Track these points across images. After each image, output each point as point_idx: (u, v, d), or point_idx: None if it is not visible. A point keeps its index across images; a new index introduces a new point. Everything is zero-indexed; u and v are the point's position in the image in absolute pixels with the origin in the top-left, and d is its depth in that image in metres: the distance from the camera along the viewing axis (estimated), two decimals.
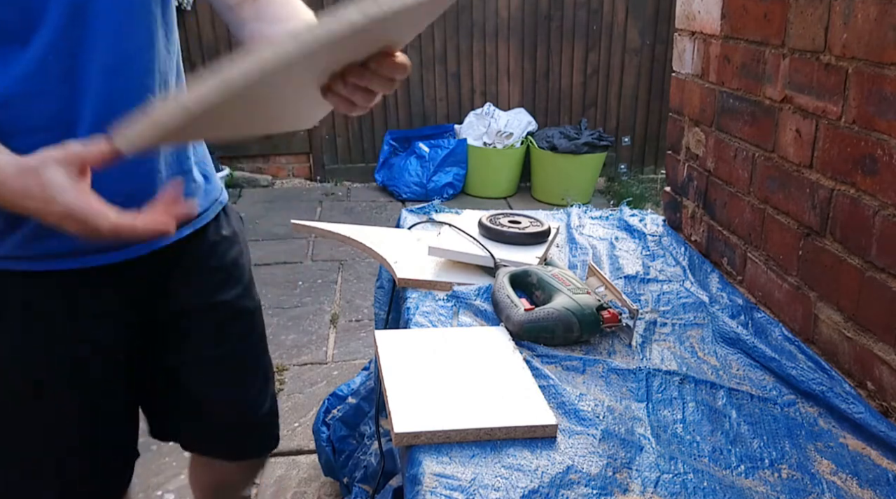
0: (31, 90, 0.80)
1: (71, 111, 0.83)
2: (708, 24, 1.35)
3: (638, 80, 4.66)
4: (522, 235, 1.28)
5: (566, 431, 0.83)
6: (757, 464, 0.80)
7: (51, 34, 0.79)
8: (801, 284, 1.08)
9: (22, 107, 0.80)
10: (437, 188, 4.20)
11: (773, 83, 1.13)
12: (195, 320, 1.07)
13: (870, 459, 0.82)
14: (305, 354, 2.50)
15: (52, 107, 0.81)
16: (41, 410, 0.95)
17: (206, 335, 1.09)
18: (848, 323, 0.97)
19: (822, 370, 0.98)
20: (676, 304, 1.17)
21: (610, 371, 0.96)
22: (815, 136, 1.02)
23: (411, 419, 0.81)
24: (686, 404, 0.91)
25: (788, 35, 1.08)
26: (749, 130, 1.21)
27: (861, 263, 0.94)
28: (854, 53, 0.93)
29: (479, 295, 1.14)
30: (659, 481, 0.76)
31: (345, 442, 1.74)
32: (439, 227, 1.38)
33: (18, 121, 0.80)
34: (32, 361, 0.93)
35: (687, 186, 1.48)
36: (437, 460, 0.77)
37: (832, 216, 0.99)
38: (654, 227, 1.53)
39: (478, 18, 4.43)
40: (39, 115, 0.81)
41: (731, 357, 1.02)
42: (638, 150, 4.82)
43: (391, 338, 0.99)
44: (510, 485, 0.74)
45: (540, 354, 0.99)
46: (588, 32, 4.53)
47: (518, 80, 4.59)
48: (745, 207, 1.24)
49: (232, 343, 1.12)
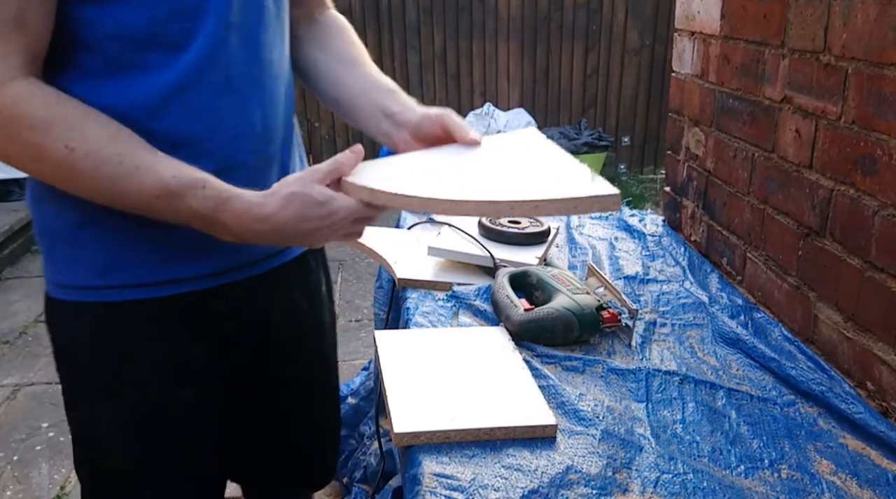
0: (186, 100, 0.78)
1: (222, 125, 0.81)
2: (707, 25, 1.35)
3: (637, 81, 4.66)
4: (522, 235, 1.28)
5: (566, 431, 0.83)
6: (756, 464, 0.80)
7: (205, 45, 0.77)
8: (801, 284, 1.08)
9: (176, 118, 0.78)
10: None
11: (772, 83, 1.13)
12: (303, 365, 1.05)
13: (869, 459, 0.82)
14: None
15: (204, 120, 0.80)
16: (178, 449, 0.91)
17: (309, 373, 1.07)
18: (847, 323, 0.97)
19: (821, 370, 0.98)
20: (676, 304, 1.17)
21: (609, 371, 0.96)
22: (814, 136, 1.02)
23: (411, 419, 0.80)
24: (686, 405, 0.91)
25: (788, 35, 1.08)
26: (748, 130, 1.21)
27: (861, 264, 0.94)
28: (853, 54, 0.93)
29: (479, 295, 1.14)
30: (658, 481, 0.76)
31: (344, 442, 1.74)
32: (439, 227, 1.38)
33: (171, 132, 0.78)
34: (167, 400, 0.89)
35: (686, 187, 1.48)
36: (437, 460, 0.77)
37: (832, 216, 0.99)
38: (654, 227, 1.53)
39: (477, 18, 4.44)
40: (193, 128, 0.80)
41: (731, 357, 1.02)
42: (637, 150, 4.82)
43: (391, 338, 0.99)
44: (510, 485, 0.74)
45: (539, 355, 0.99)
46: (588, 33, 4.53)
47: (518, 81, 4.59)
48: (744, 207, 1.24)
49: (329, 374, 1.11)
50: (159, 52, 0.76)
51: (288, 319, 1.01)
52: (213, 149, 0.80)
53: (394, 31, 4.40)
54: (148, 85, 0.76)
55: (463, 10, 4.39)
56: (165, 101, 0.77)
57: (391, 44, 4.41)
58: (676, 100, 1.51)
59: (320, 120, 4.46)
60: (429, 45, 4.44)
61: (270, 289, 0.96)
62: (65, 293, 0.85)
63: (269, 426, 1.05)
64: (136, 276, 0.84)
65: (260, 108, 0.85)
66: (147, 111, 0.76)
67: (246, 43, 0.82)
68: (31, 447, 2.01)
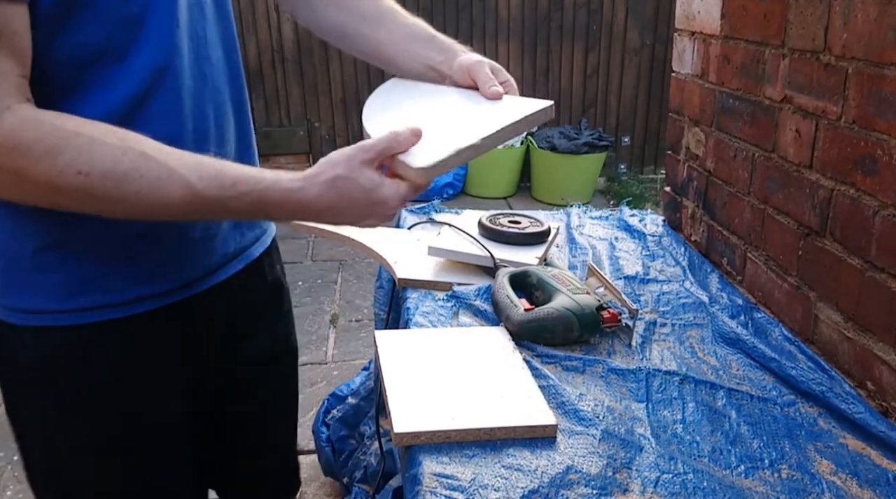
0: (147, 109, 0.75)
1: (184, 130, 0.79)
2: (708, 25, 1.35)
3: (638, 81, 4.66)
4: (522, 235, 1.28)
5: (566, 431, 0.83)
6: (757, 464, 0.80)
7: (156, 51, 0.74)
8: (801, 284, 1.08)
9: (141, 128, 0.73)
10: (437, 188, 4.19)
11: (772, 83, 1.13)
12: (269, 368, 1.04)
13: (870, 459, 0.82)
14: (305, 354, 2.50)
15: (167, 127, 0.77)
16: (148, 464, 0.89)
17: (273, 381, 1.06)
18: (848, 323, 0.97)
19: (821, 370, 0.98)
20: (676, 304, 1.17)
21: (610, 371, 0.96)
22: (814, 136, 1.02)
23: (411, 419, 0.80)
24: (686, 405, 0.91)
25: (788, 35, 1.08)
26: (749, 130, 1.21)
27: (861, 264, 0.94)
28: (854, 54, 0.93)
29: (479, 295, 1.14)
30: (659, 481, 0.76)
31: (345, 442, 1.74)
32: (439, 227, 1.38)
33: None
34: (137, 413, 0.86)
35: (687, 187, 1.48)
36: (437, 460, 0.77)
37: (832, 216, 0.99)
38: (654, 227, 1.53)
39: (477, 18, 4.43)
40: (158, 135, 0.75)
41: (731, 357, 1.02)
42: (637, 150, 4.82)
43: (391, 338, 0.99)
44: (510, 485, 0.74)
45: (540, 355, 0.99)
46: (588, 33, 4.53)
47: (518, 81, 4.56)
48: (744, 207, 1.24)
49: (291, 385, 1.10)
50: (112, 65, 0.72)
51: (253, 316, 1.00)
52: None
53: None
54: (107, 100, 0.72)
55: (463, 10, 4.38)
56: (127, 113, 0.73)
57: None
58: (676, 100, 1.51)
59: (320, 120, 4.46)
60: None
61: (236, 292, 0.94)
62: (19, 318, 0.80)
63: (234, 433, 1.04)
64: (102, 298, 0.80)
65: (213, 108, 0.83)
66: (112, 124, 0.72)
67: (194, 42, 0.80)
68: None
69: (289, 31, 4.29)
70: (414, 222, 1.48)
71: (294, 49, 4.33)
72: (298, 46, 4.33)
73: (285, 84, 4.39)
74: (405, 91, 0.98)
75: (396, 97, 0.96)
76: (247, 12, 4.17)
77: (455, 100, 0.94)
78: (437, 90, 0.96)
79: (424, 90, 0.97)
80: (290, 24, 4.27)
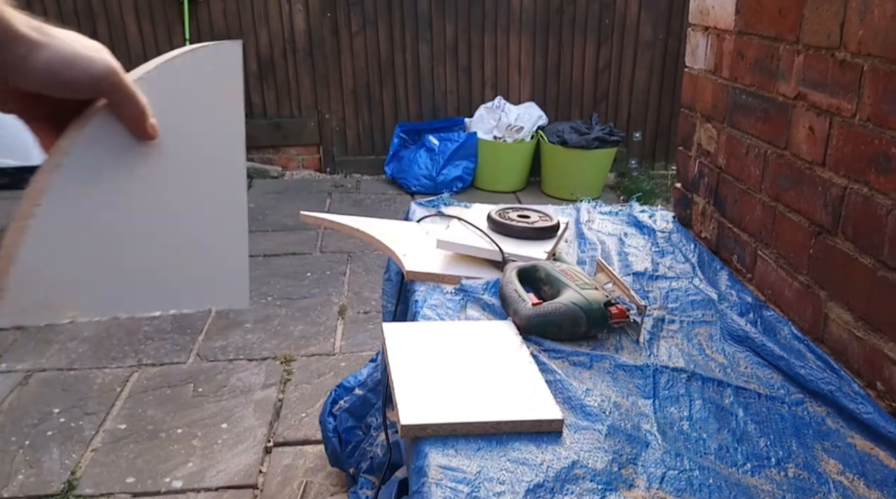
0: None
1: None
2: (722, 20, 1.34)
3: (650, 75, 4.63)
4: (531, 229, 1.28)
5: (572, 426, 0.83)
6: (763, 462, 0.80)
7: None
8: (812, 282, 1.07)
9: None
10: (447, 181, 4.19)
11: (786, 80, 1.12)
12: None
13: (878, 459, 0.81)
14: (313, 345, 2.51)
15: None
16: None
17: None
18: (858, 323, 0.96)
19: (831, 370, 0.97)
20: (685, 301, 1.17)
21: (617, 367, 0.96)
22: (828, 133, 1.01)
23: (418, 412, 0.81)
24: (693, 402, 0.90)
25: (803, 31, 1.07)
26: (762, 126, 1.21)
27: (873, 263, 0.93)
28: (870, 50, 0.91)
29: (487, 289, 1.14)
30: (664, 477, 0.76)
31: (351, 433, 1.74)
32: (448, 220, 1.38)
33: None
34: None
35: (698, 183, 1.47)
36: (443, 452, 0.77)
37: (844, 215, 0.99)
38: (664, 223, 1.53)
39: (489, 11, 4.42)
40: None
41: (739, 355, 1.02)
42: (649, 145, 4.79)
43: (399, 330, 1.00)
44: (515, 478, 0.74)
45: (547, 349, 0.99)
46: (600, 26, 4.50)
47: (529, 74, 4.57)
48: (756, 204, 1.23)
49: None
50: None
51: None
52: None
53: (406, 23, 4.38)
54: None
55: (475, 2, 4.37)
56: None
57: (403, 36, 4.40)
58: (689, 95, 1.50)
59: (331, 111, 4.46)
60: (440, 38, 4.42)
61: None
62: None
63: None
64: None
65: None
66: None
67: None
68: (42, 432, 2.03)
69: (301, 22, 4.29)
70: (423, 215, 1.48)
71: (305, 40, 4.33)
72: (310, 38, 4.33)
73: (296, 75, 4.39)
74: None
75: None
76: (259, 3, 4.17)
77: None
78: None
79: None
80: (301, 16, 4.27)
